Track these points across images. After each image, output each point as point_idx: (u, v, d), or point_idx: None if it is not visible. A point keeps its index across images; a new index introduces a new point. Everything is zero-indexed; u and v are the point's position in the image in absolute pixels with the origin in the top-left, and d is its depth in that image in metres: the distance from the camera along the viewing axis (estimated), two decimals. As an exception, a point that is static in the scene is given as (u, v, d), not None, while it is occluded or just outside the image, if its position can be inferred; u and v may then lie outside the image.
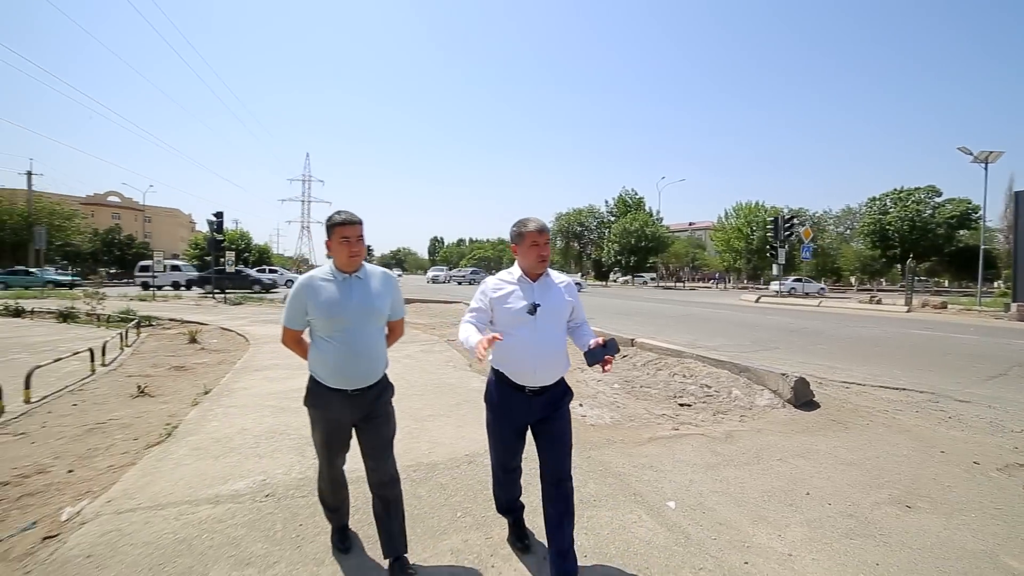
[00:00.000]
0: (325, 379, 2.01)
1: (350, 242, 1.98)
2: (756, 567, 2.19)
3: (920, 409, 4.72)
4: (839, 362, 7.13)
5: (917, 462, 3.44)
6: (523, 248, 2.10)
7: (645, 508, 2.73)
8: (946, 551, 2.35)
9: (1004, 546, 2.39)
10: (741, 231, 38.40)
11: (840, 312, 16.91)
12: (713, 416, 4.50)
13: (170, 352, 7.92)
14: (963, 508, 2.78)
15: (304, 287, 2.01)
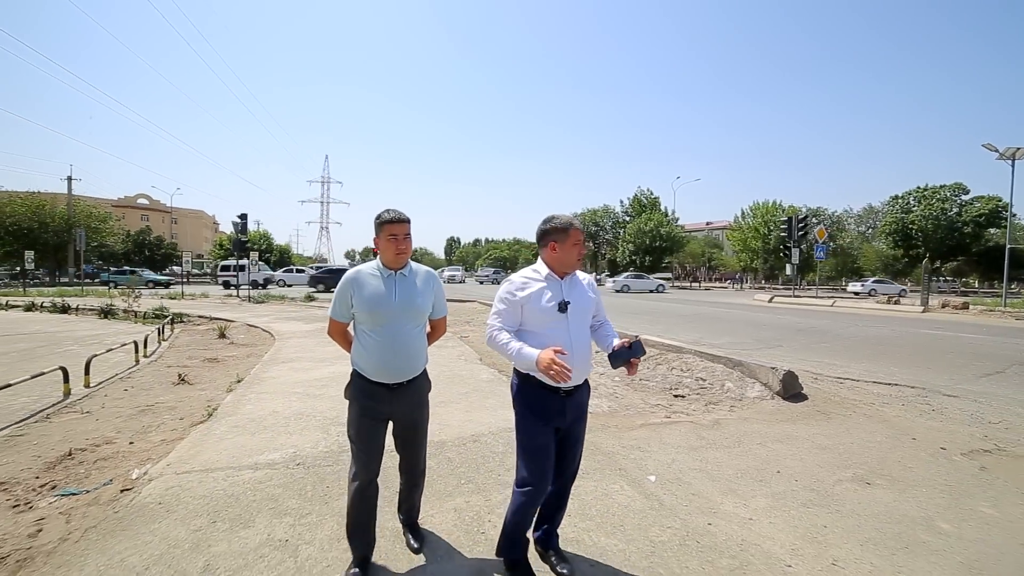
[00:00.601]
0: (367, 372, 2.04)
1: (397, 239, 2.02)
2: (717, 527, 2.53)
3: (906, 403, 4.93)
4: (839, 359, 7.30)
5: (887, 447, 3.70)
6: (567, 246, 2.01)
7: (627, 480, 3.08)
8: (889, 517, 2.64)
9: (942, 514, 2.68)
10: (758, 231, 37.96)
11: (853, 312, 16.80)
12: (705, 406, 4.80)
13: (202, 346, 8.54)
14: (916, 484, 3.05)
15: (351, 281, 2.05)
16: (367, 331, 2.04)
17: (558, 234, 2.01)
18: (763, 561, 2.22)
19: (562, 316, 1.96)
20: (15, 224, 31.37)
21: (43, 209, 32.90)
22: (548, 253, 2.04)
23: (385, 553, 2.25)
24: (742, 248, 40.59)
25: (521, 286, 2.01)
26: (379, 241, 2.04)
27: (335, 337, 2.20)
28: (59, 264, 33.92)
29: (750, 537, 2.43)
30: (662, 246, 42.28)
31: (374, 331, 2.02)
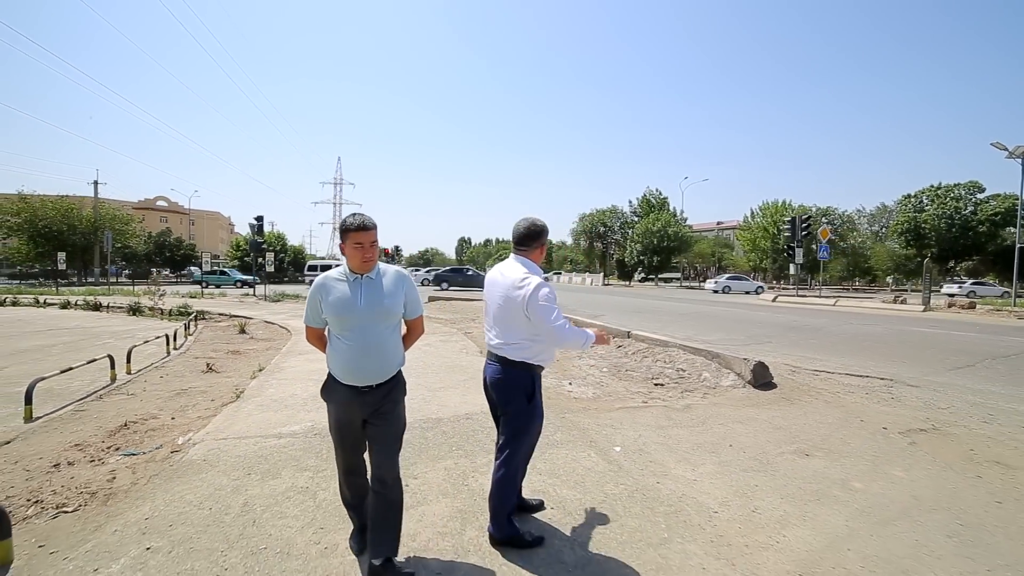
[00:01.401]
0: (338, 375, 2.05)
1: (363, 248, 2.01)
2: (664, 485, 3.01)
3: (870, 392, 5.33)
4: (821, 354, 7.68)
5: (835, 427, 4.14)
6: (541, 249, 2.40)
7: (595, 450, 3.57)
8: (814, 479, 3.10)
9: (859, 476, 3.13)
10: (767, 230, 37.92)
11: (854, 311, 16.97)
12: (681, 394, 5.26)
13: (225, 340, 9.21)
14: (847, 455, 3.50)
15: (318, 287, 2.07)
16: (337, 335, 2.06)
17: (538, 237, 2.36)
18: (695, 509, 2.70)
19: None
20: (47, 227, 32.86)
21: (72, 212, 34.37)
22: (538, 254, 2.39)
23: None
24: (752, 248, 40.56)
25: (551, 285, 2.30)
26: (345, 248, 2.03)
27: (313, 342, 2.23)
28: (85, 264, 35.34)
29: (690, 492, 2.91)
30: (670, 246, 42.42)
31: (343, 335, 2.03)
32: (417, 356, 7.29)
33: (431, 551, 2.25)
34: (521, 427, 2.29)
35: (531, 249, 2.35)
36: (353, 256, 2.04)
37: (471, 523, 2.50)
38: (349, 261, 2.06)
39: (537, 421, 2.34)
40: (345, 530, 2.40)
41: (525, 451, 2.35)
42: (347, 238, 2.03)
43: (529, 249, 2.35)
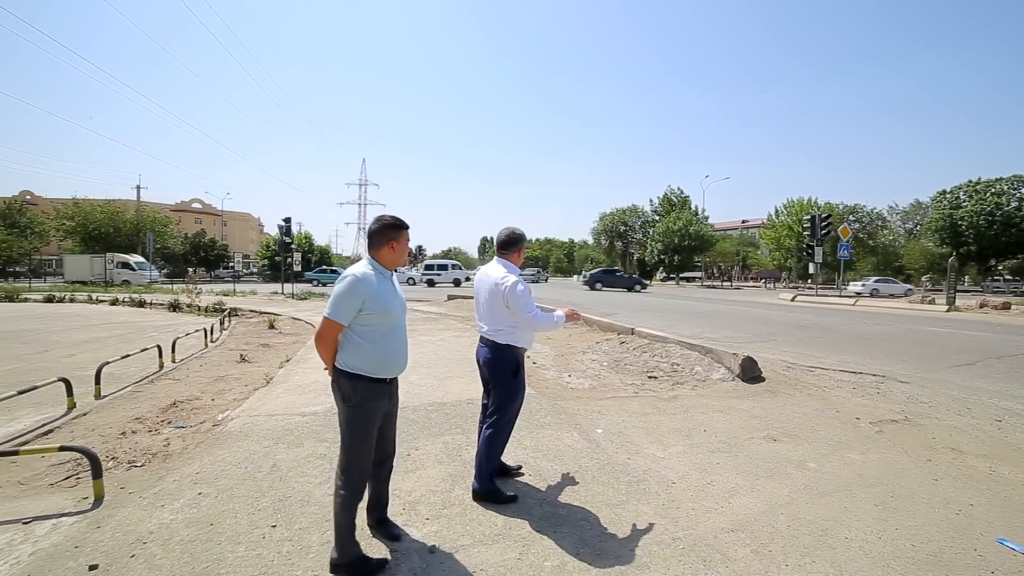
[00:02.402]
0: (374, 371, 2.08)
1: (404, 244, 2.21)
2: (633, 461, 3.40)
3: (857, 387, 5.54)
4: (822, 352, 7.83)
5: (809, 417, 4.42)
6: (520, 251, 2.87)
7: (579, 431, 3.98)
8: (773, 459, 3.43)
9: (816, 458, 3.44)
10: (791, 228, 37.07)
11: (872, 311, 16.69)
12: (672, 386, 5.60)
13: (256, 335, 9.96)
14: (812, 441, 3.80)
15: (363, 282, 2.03)
16: (375, 330, 2.08)
17: (517, 243, 2.86)
18: (656, 480, 3.09)
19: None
20: (96, 229, 35.23)
21: (118, 215, 36.69)
22: (517, 256, 2.86)
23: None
24: (776, 247, 39.74)
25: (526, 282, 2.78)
26: (395, 244, 2.16)
27: (328, 344, 2.08)
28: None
29: (655, 467, 3.29)
30: (691, 245, 41.99)
31: (386, 329, 2.10)
32: (431, 349, 7.82)
33: (423, 503, 2.72)
34: (507, 398, 2.77)
35: (511, 253, 2.83)
36: (401, 253, 2.20)
37: (459, 484, 2.96)
38: (394, 258, 2.18)
39: (520, 393, 2.81)
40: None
41: (508, 417, 2.79)
42: (401, 236, 2.19)
43: (509, 253, 2.83)
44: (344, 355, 2.10)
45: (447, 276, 33.17)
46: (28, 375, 5.71)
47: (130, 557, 2.22)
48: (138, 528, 2.46)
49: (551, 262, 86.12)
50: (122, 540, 2.35)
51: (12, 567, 2.18)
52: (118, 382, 5.53)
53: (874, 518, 2.61)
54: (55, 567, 2.15)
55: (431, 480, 3.02)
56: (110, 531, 2.44)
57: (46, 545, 2.34)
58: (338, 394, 2.14)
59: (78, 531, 2.45)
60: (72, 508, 2.70)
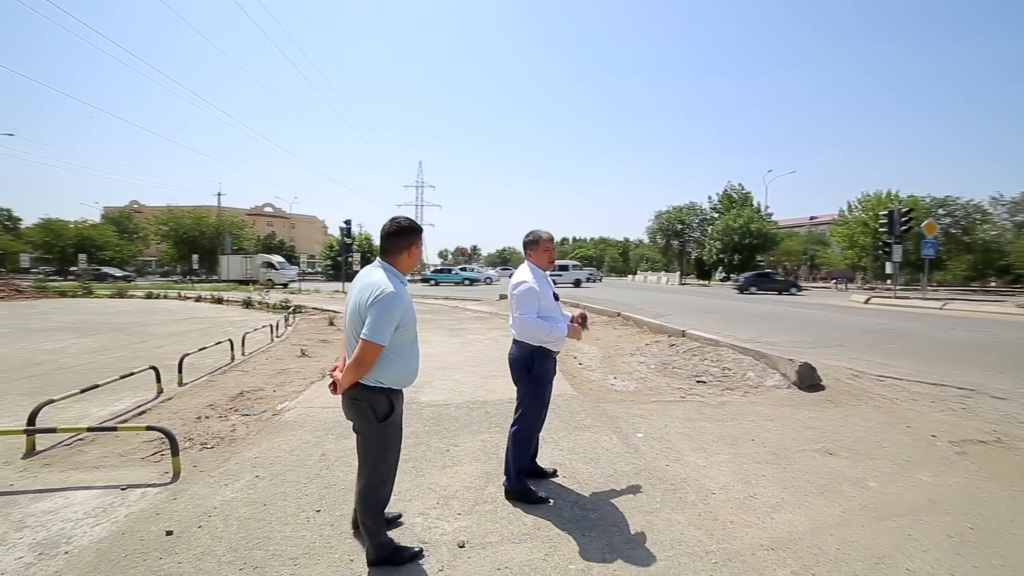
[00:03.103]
0: (402, 383, 2.05)
1: (419, 248, 2.12)
2: (672, 468, 3.30)
3: (937, 400, 4.99)
4: (897, 360, 7.12)
5: (873, 431, 4.05)
6: (537, 252, 2.84)
7: (618, 435, 3.92)
8: (826, 475, 3.19)
9: (878, 477, 3.15)
10: (867, 225, 33.77)
11: (966, 316, 14.85)
12: (721, 391, 5.35)
13: (317, 331, 10.65)
14: (875, 458, 3.49)
15: (400, 298, 1.93)
16: (406, 343, 2.02)
17: (532, 244, 2.88)
18: (694, 490, 2.98)
19: (557, 304, 2.84)
20: (185, 233, 39.36)
21: (202, 220, 40.71)
22: (536, 256, 2.85)
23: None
24: (848, 244, 36.40)
25: (538, 283, 2.73)
26: (412, 250, 2.07)
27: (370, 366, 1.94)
28: (212, 264, 41.59)
29: (694, 475, 3.18)
30: (752, 243, 39.56)
31: (413, 339, 2.07)
32: (478, 348, 7.99)
33: (457, 498, 2.81)
34: (525, 394, 2.81)
35: (530, 253, 2.89)
36: (417, 259, 2.11)
37: (493, 482, 3.02)
38: (411, 264, 2.08)
39: (539, 391, 2.79)
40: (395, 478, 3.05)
41: (533, 413, 2.80)
42: (418, 240, 2.10)
43: (529, 253, 2.90)
44: (378, 371, 1.97)
45: (568, 276, 32.72)
46: (130, 362, 6.50)
47: (198, 527, 2.49)
48: (205, 503, 2.75)
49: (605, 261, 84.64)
50: (192, 512, 2.65)
51: (113, 524, 2.55)
52: (197, 371, 6.15)
53: (946, 551, 2.36)
54: (142, 529, 2.47)
55: (466, 476, 3.11)
56: (183, 503, 2.75)
57: (136, 510, 2.69)
58: (369, 414, 1.99)
59: (160, 500, 2.79)
60: (156, 480, 3.07)
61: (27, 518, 2.62)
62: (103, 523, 2.55)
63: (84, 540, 2.39)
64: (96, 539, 2.39)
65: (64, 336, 9.45)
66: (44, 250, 41.30)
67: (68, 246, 39.99)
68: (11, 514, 2.67)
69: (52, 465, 3.37)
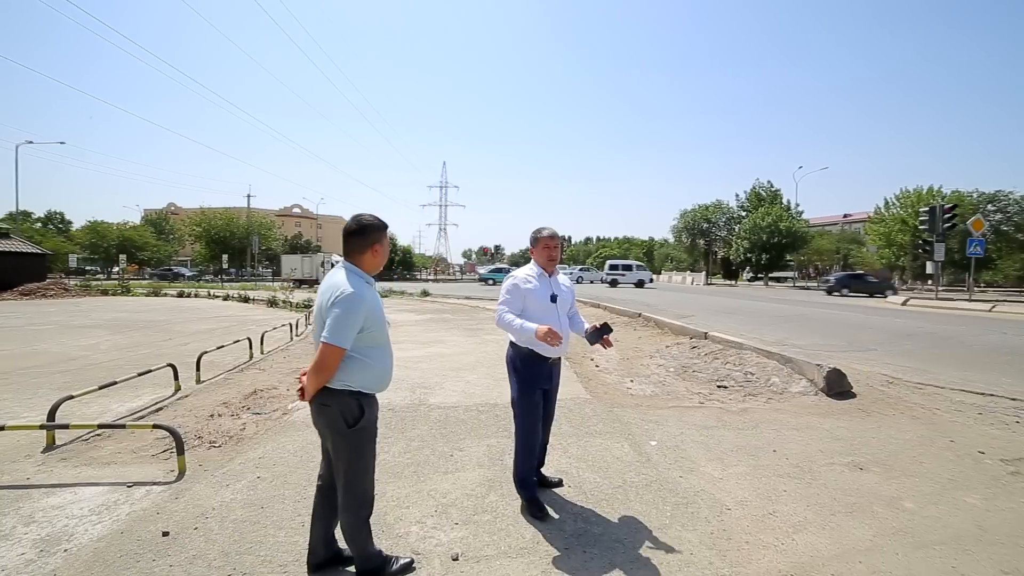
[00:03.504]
0: (371, 387, 1.95)
1: (384, 247, 2.00)
2: (685, 480, 3.12)
3: (985, 412, 4.60)
4: (938, 366, 6.65)
5: (911, 445, 3.74)
6: (537, 249, 2.71)
7: (630, 442, 3.75)
8: (856, 492, 2.94)
9: (915, 497, 2.88)
10: (906, 223, 31.97)
11: (1019, 319, 13.85)
12: (743, 397, 5.09)
13: (337, 329, 10.79)
14: (912, 475, 3.20)
15: (363, 299, 1.83)
16: (374, 346, 1.93)
17: (533, 242, 2.75)
18: (708, 504, 2.79)
19: (553, 305, 2.65)
20: (216, 233, 40.89)
21: (233, 221, 42.20)
22: (534, 252, 2.73)
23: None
24: (885, 243, 34.60)
25: (524, 281, 2.64)
26: (379, 248, 1.97)
27: (332, 371, 1.84)
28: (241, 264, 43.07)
29: (709, 488, 2.99)
30: (782, 242, 38.17)
31: (384, 344, 1.98)
32: (494, 349, 7.90)
33: (456, 507, 2.71)
34: (513, 398, 2.70)
35: (534, 250, 2.76)
36: (384, 257, 2.00)
37: (495, 490, 2.92)
38: (376, 263, 1.97)
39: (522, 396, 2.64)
40: (395, 483, 2.98)
41: (521, 419, 2.65)
42: (384, 238, 1.99)
43: (533, 251, 2.77)
44: (345, 376, 1.87)
45: (631, 277, 32.31)
46: (155, 359, 6.67)
47: (193, 529, 2.47)
48: (204, 503, 2.74)
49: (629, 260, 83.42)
50: (191, 512, 2.64)
51: (114, 522, 2.56)
52: (216, 369, 6.27)
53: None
54: (140, 529, 2.47)
55: (468, 483, 3.01)
56: (183, 503, 2.75)
57: (138, 508, 2.70)
58: (338, 419, 1.89)
59: (162, 499, 2.80)
60: (162, 478, 3.09)
61: (36, 513, 2.66)
62: (105, 521, 2.57)
63: (84, 538, 2.40)
64: (95, 537, 2.40)
65: (99, 333, 9.86)
66: (91, 251, 43.57)
67: (112, 247, 42.07)
68: (22, 508, 2.72)
69: (68, 460, 3.45)
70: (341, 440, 1.94)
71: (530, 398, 2.63)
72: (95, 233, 43.64)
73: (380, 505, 2.71)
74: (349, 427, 1.91)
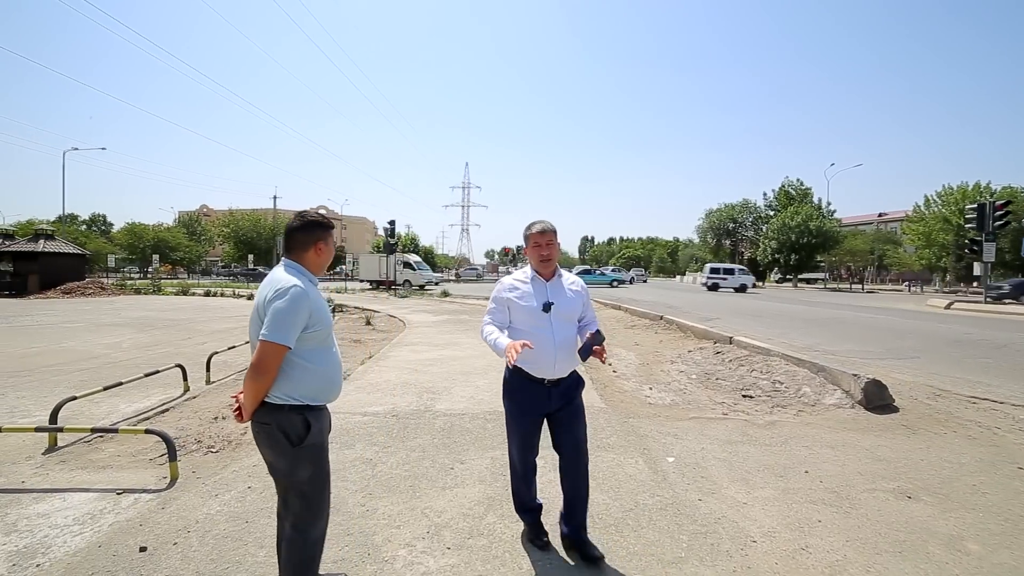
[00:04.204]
0: (318, 398, 1.74)
1: (330, 247, 1.86)
2: (705, 504, 2.82)
3: (1050, 431, 4.12)
4: (993, 378, 6.07)
5: (969, 471, 3.32)
6: (528, 249, 2.27)
7: (645, 458, 3.46)
8: (905, 527, 2.58)
9: (982, 537, 2.48)
10: (949, 221, 30.11)
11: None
12: (770, 409, 4.72)
13: (352, 331, 10.76)
14: (974, 508, 2.79)
15: (308, 295, 1.68)
16: (322, 346, 1.75)
17: (524, 240, 2.30)
18: (731, 534, 2.49)
19: (545, 316, 2.17)
20: (244, 234, 42.14)
21: (259, 222, 43.39)
22: (528, 252, 2.29)
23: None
24: (925, 243, 32.72)
25: (509, 288, 2.26)
26: (320, 247, 1.81)
27: (273, 372, 1.64)
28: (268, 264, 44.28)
29: (731, 515, 2.68)
30: (812, 242, 36.69)
31: (329, 346, 1.80)
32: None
33: (449, 528, 2.50)
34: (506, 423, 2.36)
35: (526, 249, 2.32)
36: (326, 255, 1.83)
37: (494, 510, 2.69)
38: (320, 263, 1.82)
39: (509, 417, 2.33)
40: (388, 498, 2.80)
41: (509, 443, 2.36)
42: (328, 236, 1.83)
43: (525, 250, 2.33)
44: (287, 385, 1.67)
45: (733, 281, 30.54)
46: (173, 358, 6.69)
47: (172, 544, 2.33)
48: (190, 515, 2.61)
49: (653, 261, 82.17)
50: (174, 525, 2.51)
51: (94, 534, 2.45)
52: (228, 369, 6.26)
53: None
54: (119, 542, 2.35)
55: (466, 501, 2.80)
56: (169, 514, 2.62)
57: (122, 519, 2.59)
58: (280, 439, 1.67)
59: (148, 509, 2.68)
60: (152, 485, 2.99)
61: (20, 520, 2.58)
62: (86, 532, 2.46)
63: (60, 552, 2.29)
64: (71, 551, 2.29)
65: (123, 331, 10.11)
66: (128, 251, 45.52)
67: (147, 247, 43.83)
68: (8, 515, 2.65)
69: (67, 462, 3.40)
70: (286, 464, 1.71)
71: (519, 425, 2.27)
72: (132, 234, 45.55)
73: (369, 523, 2.54)
74: (294, 446, 1.68)
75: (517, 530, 2.46)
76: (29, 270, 20.48)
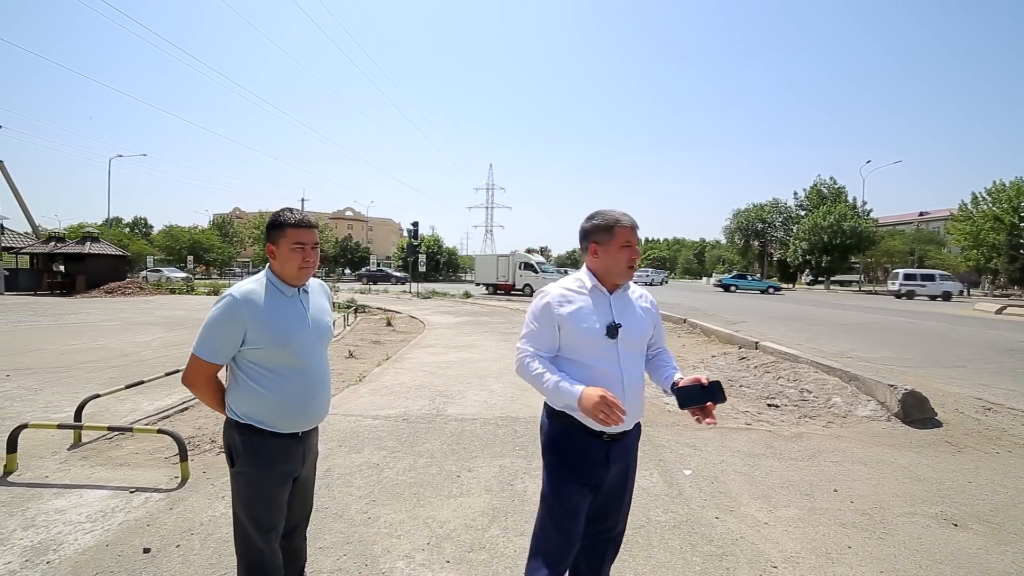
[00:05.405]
0: (274, 424, 1.55)
1: (305, 249, 1.58)
2: (723, 522, 2.65)
3: (1115, 451, 3.74)
4: (1049, 391, 5.60)
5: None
6: (611, 249, 1.58)
7: (660, 470, 3.31)
8: (948, 555, 2.36)
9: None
10: (1001, 220, 28.24)
11: None
12: (797, 419, 4.46)
13: (372, 331, 10.87)
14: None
15: (244, 305, 1.51)
16: (271, 369, 1.55)
17: (600, 233, 1.60)
18: (748, 558, 2.33)
19: (611, 343, 1.53)
20: (270, 237, 43.60)
21: (288, 224, 44.73)
22: (590, 258, 1.64)
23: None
24: (972, 244, 30.83)
25: (560, 301, 1.56)
26: (277, 249, 1.59)
27: (200, 387, 1.57)
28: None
29: (750, 536, 2.51)
30: (845, 243, 35.15)
31: (287, 367, 1.57)
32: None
33: (451, 540, 2.42)
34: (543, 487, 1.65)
35: (585, 253, 1.68)
36: (291, 260, 1.57)
37: (498, 522, 2.60)
38: (284, 267, 1.59)
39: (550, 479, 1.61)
40: (391, 506, 2.74)
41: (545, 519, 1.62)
42: (283, 236, 1.57)
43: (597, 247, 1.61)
44: (234, 399, 1.56)
45: (933, 288, 26.00)
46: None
47: (175, 547, 2.34)
48: (195, 517, 2.61)
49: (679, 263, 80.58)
50: (179, 526, 2.52)
51: (104, 532, 2.48)
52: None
53: None
54: (124, 542, 2.38)
55: (470, 512, 2.71)
56: (175, 515, 2.64)
57: (131, 518, 2.62)
58: (225, 451, 1.60)
59: (157, 509, 2.71)
60: (164, 485, 3.03)
61: (39, 516, 2.65)
62: (96, 530, 2.50)
63: (70, 549, 2.32)
64: (81, 549, 2.32)
65: (155, 330, 10.49)
66: (167, 252, 47.68)
67: (183, 248, 45.77)
68: (29, 509, 2.72)
69: (88, 459, 3.48)
70: (231, 480, 1.62)
71: (565, 495, 1.55)
72: (170, 237, 47.66)
73: (371, 532, 2.49)
74: (231, 466, 1.59)
75: (520, 545, 2.37)
76: (77, 271, 21.68)
